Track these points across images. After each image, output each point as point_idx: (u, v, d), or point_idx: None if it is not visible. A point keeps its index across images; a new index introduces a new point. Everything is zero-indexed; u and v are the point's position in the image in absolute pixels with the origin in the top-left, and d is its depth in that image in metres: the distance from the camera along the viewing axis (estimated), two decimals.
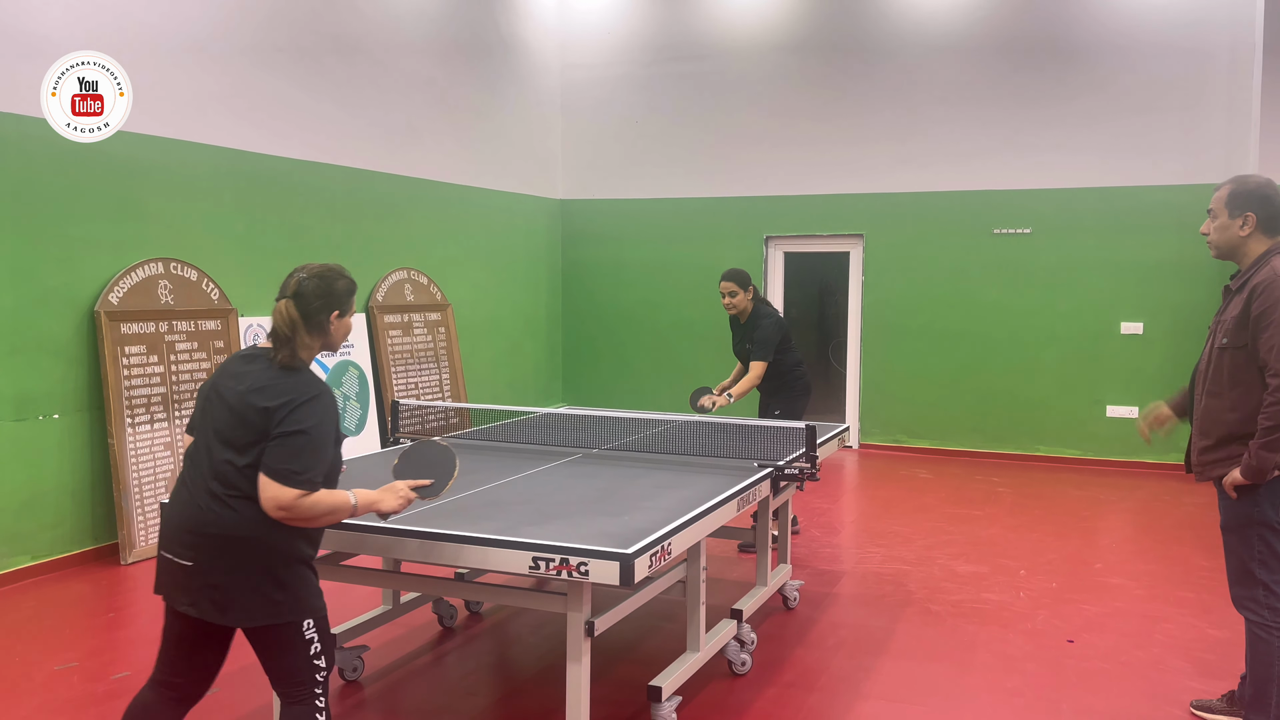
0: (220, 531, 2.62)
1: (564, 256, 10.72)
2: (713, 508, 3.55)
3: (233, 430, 2.65)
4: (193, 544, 2.65)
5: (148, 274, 6.06)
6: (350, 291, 2.86)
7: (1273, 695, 3.37)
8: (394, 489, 2.86)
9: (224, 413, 2.69)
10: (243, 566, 2.62)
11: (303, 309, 2.75)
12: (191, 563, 2.65)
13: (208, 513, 2.63)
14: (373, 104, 7.96)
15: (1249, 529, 3.35)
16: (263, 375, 2.70)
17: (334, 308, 2.80)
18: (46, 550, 5.60)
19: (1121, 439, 8.75)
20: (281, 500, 2.57)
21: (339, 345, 2.89)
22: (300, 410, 2.62)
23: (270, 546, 2.63)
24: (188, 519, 2.66)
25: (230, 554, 2.62)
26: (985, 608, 5.04)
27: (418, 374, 8.31)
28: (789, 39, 9.67)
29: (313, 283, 2.77)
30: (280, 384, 2.67)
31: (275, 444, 2.59)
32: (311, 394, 2.67)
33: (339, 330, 2.83)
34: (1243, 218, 3.38)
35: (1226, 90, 8.35)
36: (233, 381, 2.72)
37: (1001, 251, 9.08)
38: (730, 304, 5.91)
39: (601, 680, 4.01)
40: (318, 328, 2.78)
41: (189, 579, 2.65)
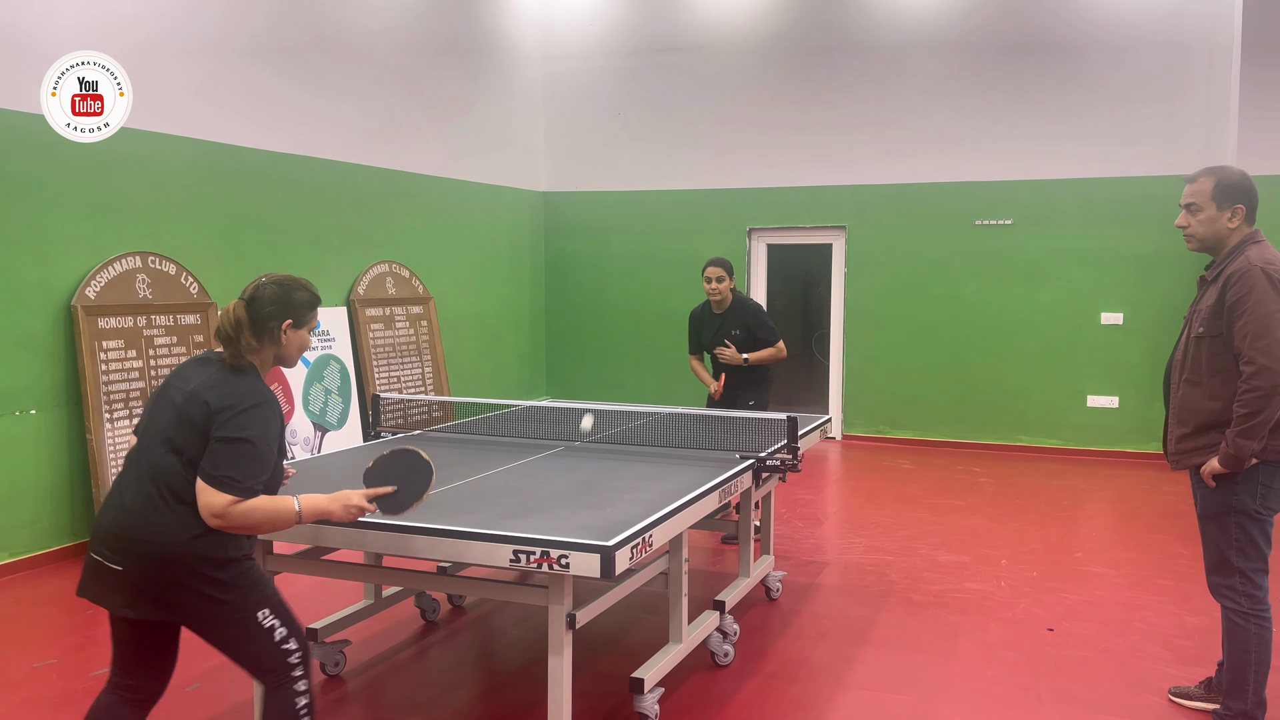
0: (149, 537, 2.55)
1: (547, 249, 10.69)
2: (694, 499, 3.55)
3: (174, 429, 2.60)
4: (121, 549, 2.58)
5: (125, 268, 6.01)
6: (309, 305, 2.79)
7: (1249, 681, 3.40)
8: (343, 498, 2.71)
9: (168, 413, 2.64)
10: (176, 573, 2.55)
11: (253, 313, 2.71)
12: (121, 568, 2.58)
13: (138, 516, 2.56)
14: (353, 96, 7.91)
15: (1227, 517, 3.37)
16: (211, 377, 2.66)
17: (287, 316, 2.74)
18: (24, 547, 5.55)
19: (1102, 428, 8.81)
20: (215, 507, 2.52)
21: (293, 359, 2.82)
22: (243, 416, 2.57)
23: (199, 554, 2.56)
24: (119, 523, 2.60)
25: (161, 562, 2.55)
26: (967, 597, 5.06)
27: (400, 367, 8.28)
28: (771, 31, 9.66)
29: (270, 289, 2.74)
30: (225, 386, 2.63)
31: (216, 448, 2.54)
32: (256, 400, 2.62)
33: (292, 341, 2.78)
34: (1232, 209, 3.38)
35: (1205, 82, 8.40)
36: (181, 383, 2.69)
37: (983, 243, 9.11)
38: (716, 289, 5.84)
39: (584, 673, 4.01)
40: (267, 334, 2.73)
41: (121, 583, 2.59)
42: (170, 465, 2.58)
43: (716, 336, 5.96)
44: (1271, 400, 3.19)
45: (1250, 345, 3.21)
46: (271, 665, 2.68)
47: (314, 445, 7.31)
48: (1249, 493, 3.32)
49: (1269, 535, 3.38)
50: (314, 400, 7.37)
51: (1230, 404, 3.29)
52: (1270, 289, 3.23)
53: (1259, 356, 3.19)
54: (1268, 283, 3.23)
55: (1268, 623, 3.39)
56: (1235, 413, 3.25)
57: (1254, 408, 3.20)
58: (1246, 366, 3.23)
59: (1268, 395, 3.19)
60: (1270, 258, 3.30)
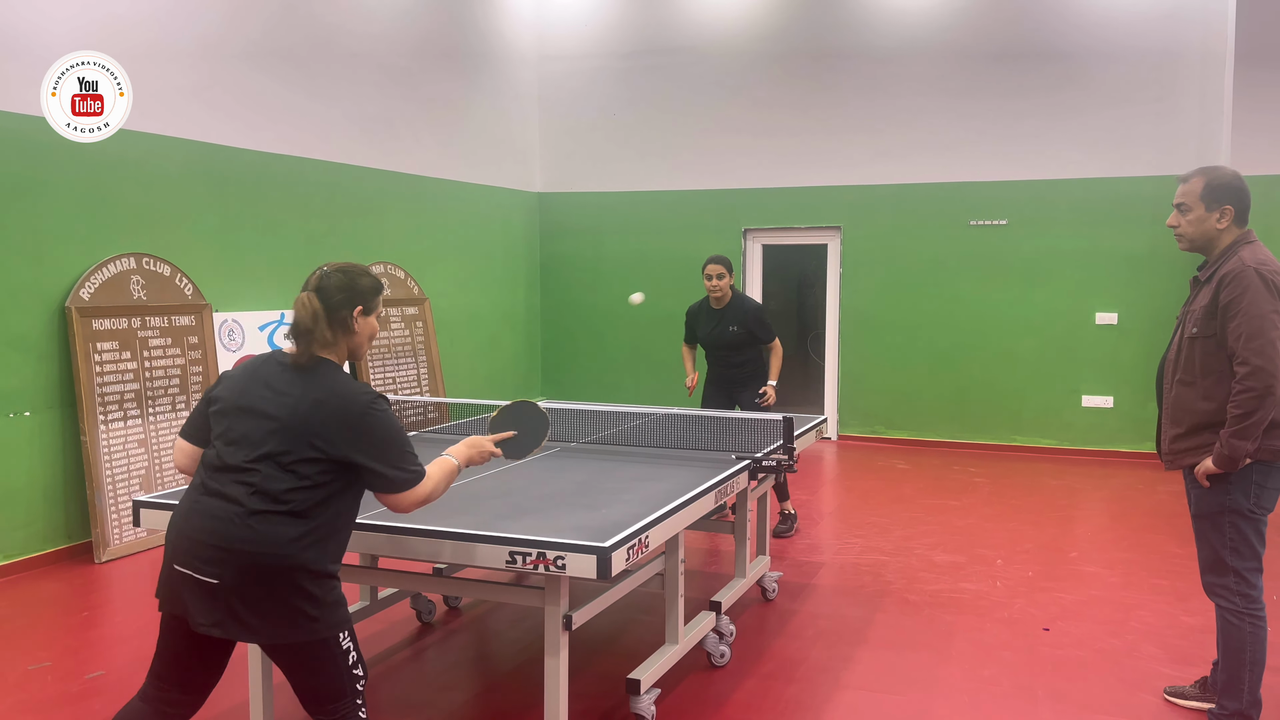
0: (253, 549, 2.46)
1: (542, 250, 10.69)
2: (690, 500, 3.55)
3: (285, 446, 2.51)
4: (219, 559, 2.47)
5: (120, 269, 5.99)
6: (375, 290, 2.74)
7: (1244, 681, 3.41)
8: (476, 443, 2.91)
9: (266, 427, 2.54)
10: (276, 584, 2.48)
11: (325, 301, 2.64)
12: (217, 580, 2.47)
13: (241, 528, 2.47)
14: (348, 97, 7.90)
15: (1221, 517, 3.38)
16: (304, 385, 2.57)
17: (357, 303, 2.68)
18: (19, 549, 5.54)
19: (1097, 428, 8.83)
20: (417, 498, 2.62)
21: (364, 348, 2.77)
22: (372, 414, 2.56)
23: (302, 565, 2.50)
24: (214, 534, 2.49)
25: (261, 571, 2.47)
26: (962, 597, 5.07)
27: (395, 368, 8.27)
28: (766, 31, 9.67)
29: (336, 277, 2.68)
30: (334, 394, 2.56)
31: (375, 463, 2.55)
32: (371, 395, 2.59)
33: (364, 329, 2.72)
34: (1220, 210, 3.39)
35: (1199, 83, 8.42)
36: (269, 392, 2.58)
37: (978, 243, 9.13)
38: (716, 286, 5.94)
39: (580, 674, 4.01)
40: (340, 323, 2.66)
41: (213, 598, 2.48)
42: (278, 479, 2.50)
43: (715, 332, 6.06)
44: (1265, 401, 3.19)
45: (1244, 346, 3.22)
46: (340, 692, 2.59)
47: None
48: (1243, 492, 3.32)
49: (1263, 535, 3.39)
50: None
51: (1224, 404, 3.29)
52: (1264, 290, 3.23)
53: (1253, 357, 3.20)
54: (1261, 283, 3.23)
55: (1262, 622, 3.40)
56: (1229, 413, 3.26)
57: (1248, 408, 3.21)
58: (1240, 367, 3.23)
59: (1261, 396, 3.19)
60: (1264, 258, 3.31)
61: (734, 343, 6.02)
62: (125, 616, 4.96)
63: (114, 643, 4.53)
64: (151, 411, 6.08)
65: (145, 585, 5.43)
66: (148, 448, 6.04)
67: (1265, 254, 3.34)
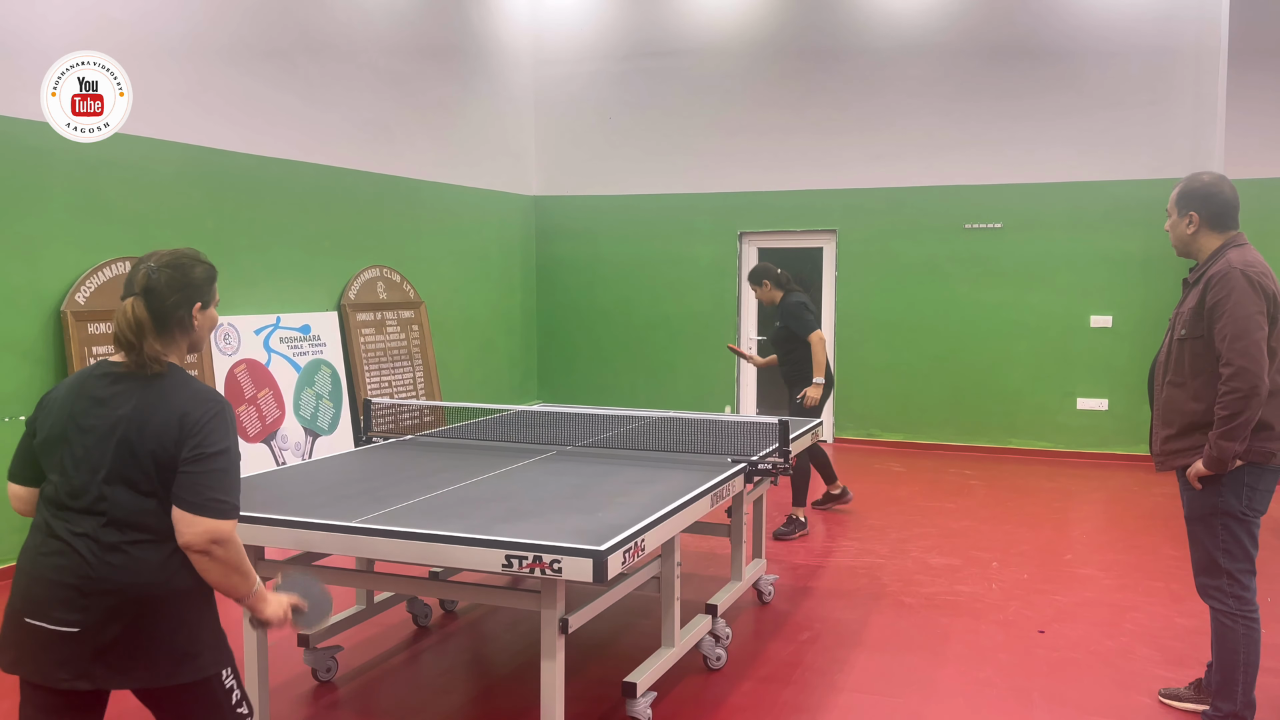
0: (118, 586, 2.18)
1: (538, 253, 10.69)
2: (686, 503, 3.55)
3: (128, 466, 2.21)
4: (80, 605, 2.18)
5: (115, 273, 5.99)
6: (210, 278, 2.42)
7: (1238, 682, 3.42)
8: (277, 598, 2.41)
9: (104, 446, 2.23)
10: (150, 621, 2.21)
11: (155, 306, 2.30)
12: (78, 628, 2.18)
13: (100, 566, 2.18)
14: (344, 100, 7.91)
15: (1213, 518, 3.40)
16: (144, 391, 2.27)
17: (194, 300, 2.37)
18: (13, 554, 5.53)
19: (1092, 431, 8.84)
20: (219, 532, 2.19)
21: (203, 343, 2.48)
22: (211, 428, 2.24)
23: (181, 592, 2.24)
24: (70, 575, 2.19)
25: (133, 609, 2.19)
26: (958, 599, 5.08)
27: (391, 372, 8.27)
28: (761, 35, 9.69)
29: (165, 274, 2.32)
30: (172, 399, 2.25)
31: (194, 470, 2.20)
32: (217, 407, 2.27)
33: (205, 322, 2.42)
34: (1188, 216, 3.46)
35: (1193, 86, 8.45)
36: (100, 408, 2.26)
37: (973, 246, 9.15)
38: (759, 295, 6.53)
39: (576, 677, 4.01)
40: (177, 325, 2.34)
41: (75, 647, 2.18)
42: (129, 503, 2.22)
43: (770, 330, 6.69)
44: (1251, 401, 3.21)
45: (1229, 347, 3.24)
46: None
47: (305, 450, 7.29)
48: (1234, 494, 3.34)
49: (1255, 536, 3.40)
50: (305, 405, 7.36)
51: (1213, 405, 3.31)
52: (1249, 290, 3.25)
53: (1237, 358, 3.22)
54: (1247, 284, 3.26)
55: (1255, 623, 3.41)
56: (1216, 414, 3.28)
57: (1234, 409, 3.23)
58: (1225, 368, 3.25)
59: (1247, 396, 3.21)
60: (1251, 260, 3.34)
61: (778, 339, 6.42)
62: None
63: None
64: None
65: None
66: None
67: (1253, 256, 3.37)
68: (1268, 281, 3.29)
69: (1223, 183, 3.46)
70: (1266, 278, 3.30)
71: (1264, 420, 3.29)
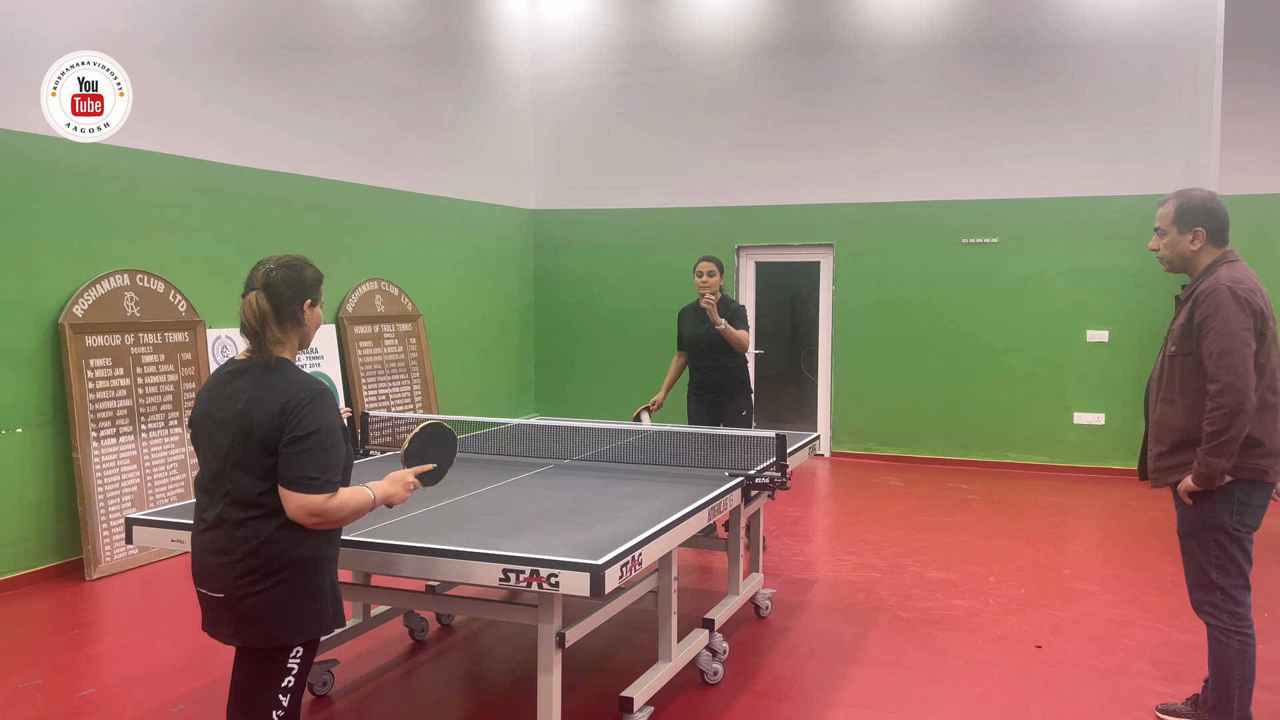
0: (251, 551, 2.54)
1: (536, 266, 10.71)
2: (683, 517, 3.55)
3: (244, 453, 2.56)
4: (221, 574, 2.57)
5: (113, 285, 6.00)
6: (318, 280, 2.77)
7: (1234, 698, 3.42)
8: (400, 479, 2.81)
9: (227, 436, 2.58)
10: (275, 583, 2.55)
11: (274, 300, 2.64)
12: (223, 594, 2.58)
13: (229, 541, 2.56)
14: (342, 115, 7.94)
15: (1205, 534, 3.40)
16: (254, 387, 2.60)
17: (305, 296, 2.70)
18: (10, 566, 5.51)
19: (1088, 445, 8.85)
20: (311, 506, 2.52)
21: (311, 338, 2.79)
22: (305, 413, 2.54)
23: (282, 564, 2.56)
24: (213, 549, 2.59)
25: (262, 573, 2.54)
26: (955, 614, 5.08)
27: (388, 385, 8.27)
28: (759, 50, 9.74)
29: (281, 273, 2.67)
30: (275, 390, 2.57)
31: (289, 452, 2.51)
32: (312, 393, 2.58)
33: (312, 320, 2.75)
34: (1193, 233, 3.46)
35: (1188, 101, 8.49)
36: (226, 403, 2.61)
37: (970, 261, 9.17)
38: (707, 283, 5.91)
39: (573, 691, 4.00)
40: (291, 318, 2.68)
41: (223, 611, 2.59)
42: (252, 485, 2.55)
43: (700, 331, 6.05)
44: (1237, 418, 3.22)
45: (1216, 363, 3.26)
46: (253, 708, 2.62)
47: None
48: (1226, 510, 3.35)
49: (1249, 552, 3.40)
50: None
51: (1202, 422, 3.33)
52: (1236, 307, 3.27)
53: (1223, 374, 3.24)
54: (1234, 300, 3.27)
55: (1250, 639, 3.41)
56: (1204, 430, 3.29)
57: (1220, 425, 3.24)
58: (1212, 384, 3.27)
59: (1233, 413, 3.22)
60: (1239, 276, 3.36)
61: (717, 342, 5.96)
62: (116, 634, 4.93)
63: (104, 661, 4.51)
64: (144, 428, 6.07)
65: (136, 603, 5.41)
66: (140, 464, 6.02)
67: (1243, 272, 3.39)
68: (1255, 298, 3.31)
69: (1218, 199, 3.50)
70: (1255, 294, 3.32)
71: (1253, 437, 3.30)
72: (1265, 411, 3.32)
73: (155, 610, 5.33)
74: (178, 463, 6.26)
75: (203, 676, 4.26)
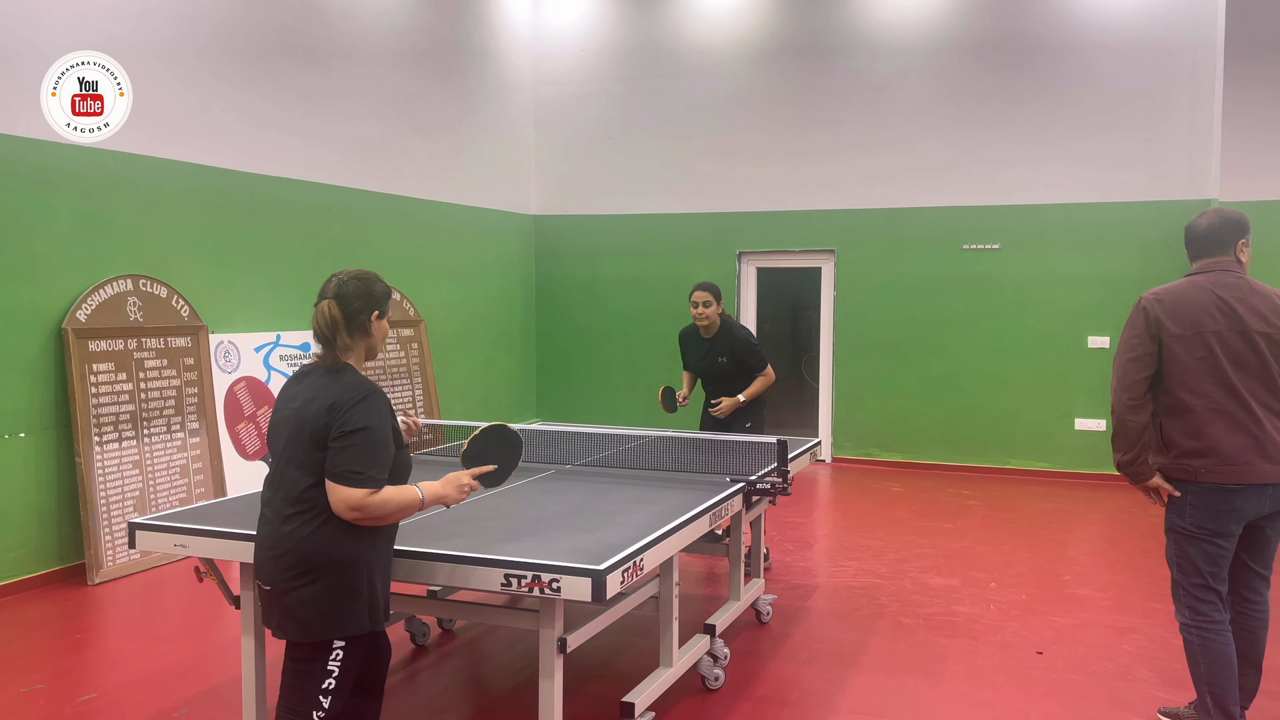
0: (291, 548, 2.66)
1: (538, 272, 10.73)
2: (685, 523, 3.56)
3: (296, 449, 2.70)
4: (269, 567, 2.71)
5: (117, 291, 6.01)
6: (387, 294, 2.91)
7: (1205, 695, 3.45)
8: (455, 480, 2.90)
9: (286, 434, 2.74)
10: (313, 580, 2.66)
11: (345, 309, 2.79)
12: (270, 586, 2.71)
13: (280, 533, 2.69)
14: (345, 120, 7.96)
15: (1168, 534, 3.58)
16: (312, 388, 2.75)
17: (374, 308, 2.85)
18: (12, 571, 5.52)
19: (1090, 451, 8.85)
20: (352, 500, 2.61)
21: (379, 349, 2.93)
22: (354, 411, 2.66)
23: (327, 562, 2.66)
24: (264, 543, 2.74)
25: (301, 570, 2.66)
26: (956, 620, 5.08)
27: (390, 390, 8.28)
28: (760, 56, 9.76)
29: (353, 284, 2.83)
30: (329, 389, 2.71)
31: (335, 447, 2.63)
32: (362, 394, 2.70)
33: (379, 331, 2.88)
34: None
35: (1189, 109, 8.51)
36: (289, 404, 2.78)
37: (971, 266, 9.18)
38: (702, 314, 5.71)
39: (574, 697, 4.00)
40: (360, 328, 2.83)
41: (270, 602, 2.73)
42: (300, 481, 2.68)
43: (704, 361, 5.88)
44: (1115, 416, 3.50)
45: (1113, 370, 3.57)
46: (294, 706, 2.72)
47: None
48: (1177, 512, 3.50)
49: (1212, 556, 3.45)
50: None
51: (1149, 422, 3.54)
52: (1133, 316, 3.50)
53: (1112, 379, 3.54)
54: (1136, 310, 3.52)
55: (1210, 635, 3.44)
56: None
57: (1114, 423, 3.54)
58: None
59: (1113, 411, 3.51)
60: (1167, 288, 3.51)
61: (724, 373, 5.80)
62: (118, 639, 4.94)
63: (106, 665, 4.52)
64: (147, 433, 6.08)
65: (138, 608, 5.42)
66: (143, 469, 6.03)
67: (1180, 284, 3.51)
68: (1163, 308, 3.44)
69: (1200, 218, 3.60)
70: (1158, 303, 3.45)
71: (1170, 438, 3.47)
72: (1180, 414, 3.44)
73: (157, 615, 5.33)
74: (180, 467, 6.27)
75: (204, 681, 4.26)
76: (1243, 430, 3.36)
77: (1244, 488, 3.36)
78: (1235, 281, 3.46)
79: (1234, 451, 3.36)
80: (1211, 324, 3.39)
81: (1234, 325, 3.38)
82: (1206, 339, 3.39)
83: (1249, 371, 3.38)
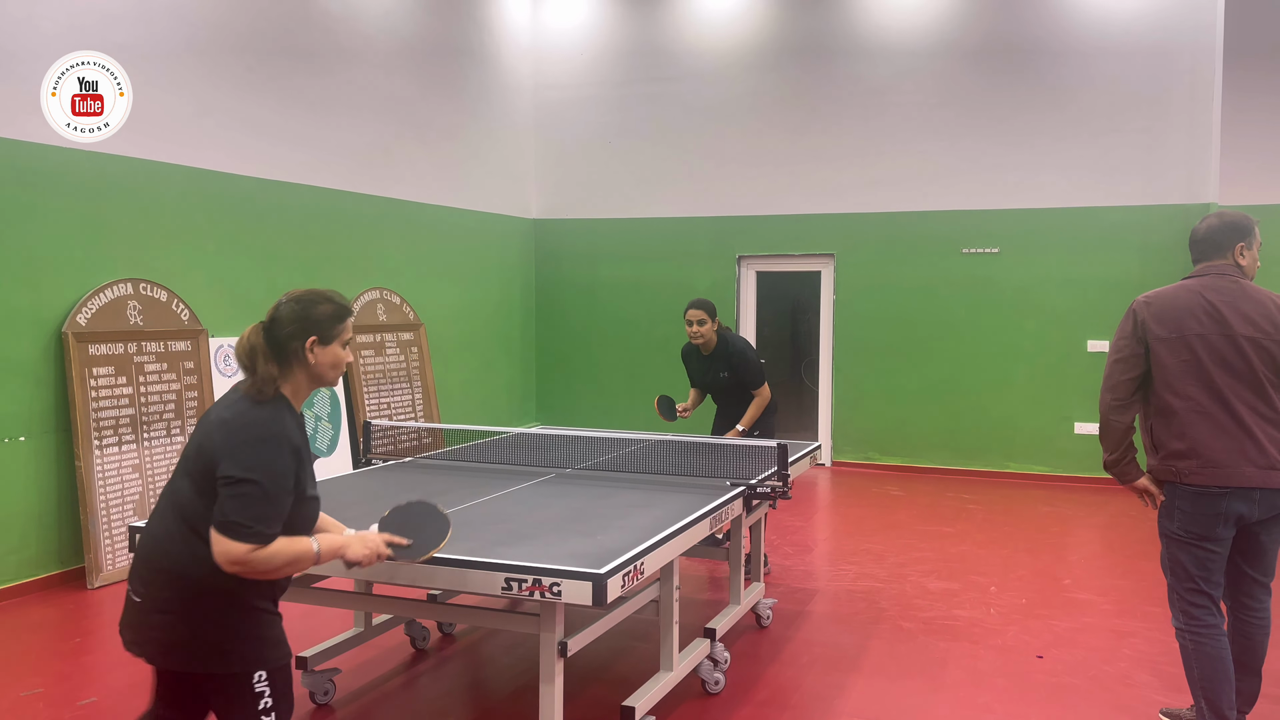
0: (171, 566, 2.43)
1: (537, 276, 10.73)
2: (685, 527, 3.56)
3: (191, 459, 2.47)
4: (145, 579, 2.47)
5: (116, 294, 6.01)
6: (336, 317, 2.59)
7: (1200, 698, 3.46)
8: (364, 538, 2.65)
9: (190, 449, 2.50)
10: (191, 607, 2.42)
11: (270, 335, 2.53)
12: (140, 599, 2.47)
13: (163, 544, 2.45)
14: (345, 124, 7.96)
15: (1160, 538, 3.60)
16: (228, 408, 2.49)
17: (310, 334, 2.54)
18: (12, 574, 5.52)
19: (1089, 455, 8.84)
20: (233, 555, 2.34)
21: (330, 378, 2.63)
22: (247, 453, 2.39)
23: (224, 590, 2.41)
24: (145, 551, 2.49)
25: (179, 592, 2.42)
26: (956, 624, 5.08)
27: (390, 394, 8.28)
28: (760, 60, 9.77)
29: (288, 307, 2.56)
30: (237, 420, 2.44)
31: (223, 492, 2.37)
32: (261, 434, 2.42)
33: (322, 359, 2.57)
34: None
35: (1188, 113, 8.52)
36: (209, 412, 2.55)
37: (971, 271, 9.19)
38: (697, 333, 5.65)
39: (575, 701, 4.00)
40: (291, 356, 2.54)
41: (137, 615, 2.49)
42: (193, 501, 2.44)
43: (707, 376, 5.85)
44: (1102, 414, 3.56)
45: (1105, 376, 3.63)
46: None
47: None
48: (1166, 515, 3.54)
49: (1202, 561, 3.45)
50: None
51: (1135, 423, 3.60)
52: (1125, 320, 3.55)
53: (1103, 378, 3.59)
54: (1127, 314, 3.54)
55: (1204, 639, 3.45)
56: None
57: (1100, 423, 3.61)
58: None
59: (1100, 408, 3.58)
60: (1157, 293, 3.53)
61: (728, 387, 5.76)
62: (118, 643, 4.91)
63: (106, 669, 4.51)
64: (146, 437, 6.08)
65: None
66: (142, 473, 6.03)
67: (1170, 289, 3.53)
68: (1151, 310, 3.47)
69: (1201, 222, 3.62)
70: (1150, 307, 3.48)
71: (1159, 439, 3.50)
72: (1166, 416, 3.46)
73: None
74: None
75: None
76: (1227, 434, 3.36)
77: (1228, 491, 3.36)
78: (1227, 285, 3.45)
79: (1218, 454, 3.36)
80: (1196, 327, 3.40)
81: (1220, 329, 3.38)
82: (1190, 341, 3.40)
83: (1235, 375, 3.37)
